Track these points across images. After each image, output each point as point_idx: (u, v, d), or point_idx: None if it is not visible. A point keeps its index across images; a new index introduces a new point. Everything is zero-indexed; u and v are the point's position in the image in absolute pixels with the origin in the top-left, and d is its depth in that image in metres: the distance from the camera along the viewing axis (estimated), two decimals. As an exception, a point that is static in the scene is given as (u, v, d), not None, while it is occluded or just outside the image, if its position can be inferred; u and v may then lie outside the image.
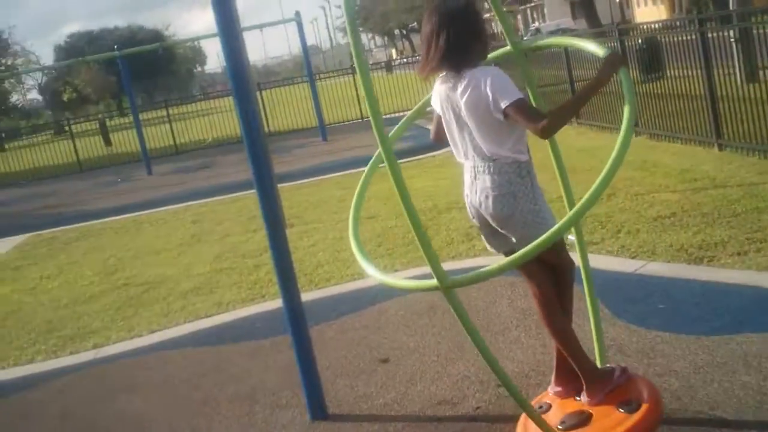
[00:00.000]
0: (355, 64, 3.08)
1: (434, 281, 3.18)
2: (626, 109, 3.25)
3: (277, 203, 4.50)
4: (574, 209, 3.15)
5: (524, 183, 3.54)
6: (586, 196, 3.07)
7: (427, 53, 3.53)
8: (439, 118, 3.72)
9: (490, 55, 3.80)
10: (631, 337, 4.70)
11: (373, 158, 4.08)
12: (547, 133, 3.37)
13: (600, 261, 6.24)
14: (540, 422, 3.54)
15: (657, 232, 6.65)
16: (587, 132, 13.13)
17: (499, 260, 3.39)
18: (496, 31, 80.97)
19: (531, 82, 4.11)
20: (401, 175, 3.11)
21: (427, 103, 3.94)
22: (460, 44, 3.47)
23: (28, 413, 5.44)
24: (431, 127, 3.85)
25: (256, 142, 4.35)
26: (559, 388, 3.82)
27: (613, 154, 3.10)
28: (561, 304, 3.75)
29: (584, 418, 3.55)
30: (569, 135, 12.69)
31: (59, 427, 5.12)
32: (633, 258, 6.20)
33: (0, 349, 6.97)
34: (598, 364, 3.98)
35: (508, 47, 3.95)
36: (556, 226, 3.16)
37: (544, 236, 3.11)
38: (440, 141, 3.82)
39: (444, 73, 3.58)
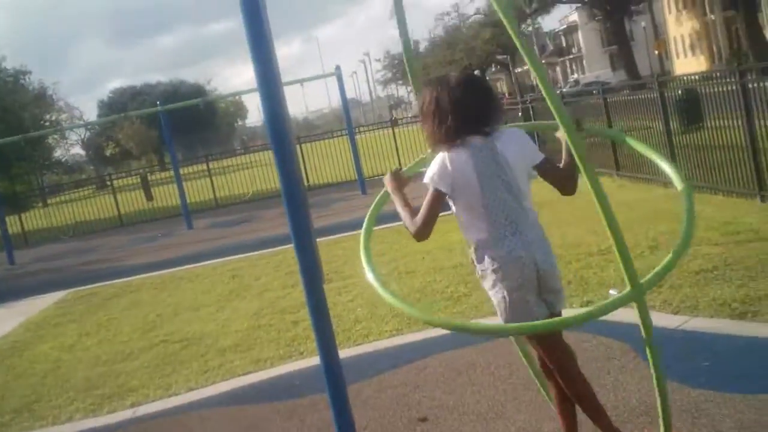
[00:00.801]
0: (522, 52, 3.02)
1: (629, 291, 3.20)
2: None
3: (315, 258, 4.47)
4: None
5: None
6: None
7: (456, 119, 3.52)
8: (440, 202, 3.55)
9: None
10: (674, 396, 4.56)
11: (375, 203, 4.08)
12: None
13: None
14: None
15: (699, 287, 6.52)
16: (626, 184, 13.03)
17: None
18: (535, 83, 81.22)
19: None
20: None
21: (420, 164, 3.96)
22: (486, 109, 3.60)
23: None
24: (424, 219, 3.51)
25: (295, 197, 4.35)
26: None
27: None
28: None
29: None
30: (609, 187, 12.61)
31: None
32: (675, 313, 6.07)
33: (39, 407, 6.98)
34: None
35: None
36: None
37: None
38: (428, 235, 3.56)
39: (464, 142, 3.54)
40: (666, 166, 3.79)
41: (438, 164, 3.54)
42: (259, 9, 4.03)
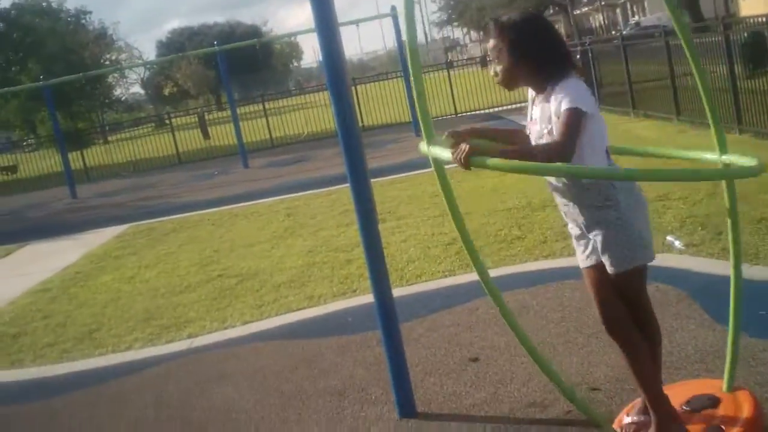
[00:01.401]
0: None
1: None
2: None
3: (370, 198, 4.48)
4: None
5: None
6: None
7: (564, 51, 3.46)
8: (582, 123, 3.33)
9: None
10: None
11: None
12: None
13: (700, 264, 6.06)
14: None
15: (761, 235, 6.38)
16: (687, 129, 12.74)
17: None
18: (594, 26, 79.52)
19: None
20: None
21: None
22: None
23: (124, 399, 5.56)
24: (570, 137, 3.28)
25: (351, 137, 4.35)
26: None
27: None
28: None
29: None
30: (670, 132, 12.36)
31: (154, 414, 5.23)
32: (734, 261, 5.94)
33: (100, 336, 7.17)
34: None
35: None
36: None
37: None
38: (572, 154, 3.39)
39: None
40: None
41: (575, 88, 3.34)
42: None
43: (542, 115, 3.43)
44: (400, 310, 4.72)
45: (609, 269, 3.49)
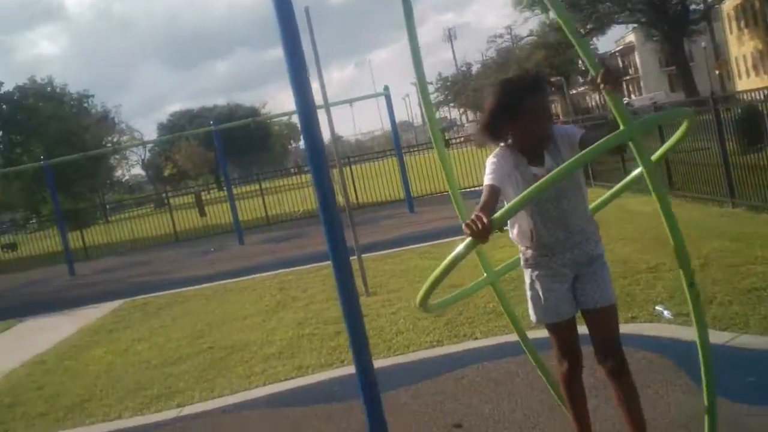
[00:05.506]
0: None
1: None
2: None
3: (350, 274, 4.55)
4: None
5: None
6: None
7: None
8: None
9: None
10: (718, 410, 4.49)
11: None
12: None
13: (690, 332, 6.04)
14: None
15: (751, 304, 6.39)
16: (681, 203, 12.84)
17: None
18: (590, 105, 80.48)
19: None
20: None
21: None
22: None
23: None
24: None
25: (331, 215, 4.44)
26: None
27: None
28: None
29: None
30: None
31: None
32: (724, 330, 5.95)
33: (91, 405, 7.19)
34: None
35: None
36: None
37: None
38: None
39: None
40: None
41: None
42: (297, 46, 4.16)
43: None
44: (386, 379, 4.74)
45: (610, 301, 3.75)
